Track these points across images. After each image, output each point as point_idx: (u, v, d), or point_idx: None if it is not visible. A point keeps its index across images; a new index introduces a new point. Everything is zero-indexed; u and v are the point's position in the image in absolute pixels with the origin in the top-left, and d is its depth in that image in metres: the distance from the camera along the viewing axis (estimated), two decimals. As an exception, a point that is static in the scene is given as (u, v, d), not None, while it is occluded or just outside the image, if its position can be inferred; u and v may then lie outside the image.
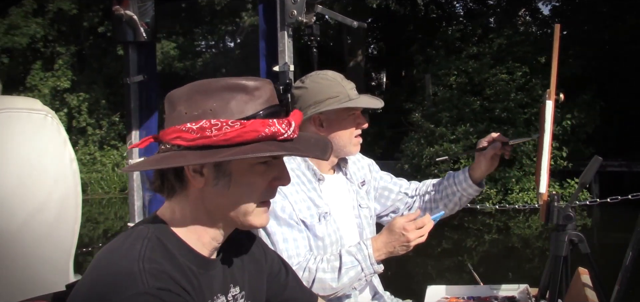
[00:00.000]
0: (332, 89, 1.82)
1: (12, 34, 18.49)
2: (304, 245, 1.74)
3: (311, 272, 1.69)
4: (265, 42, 2.24)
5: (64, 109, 19.02)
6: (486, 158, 1.94)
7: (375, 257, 1.72)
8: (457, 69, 13.55)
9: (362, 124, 1.90)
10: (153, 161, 1.06)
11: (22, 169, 1.32)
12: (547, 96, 1.85)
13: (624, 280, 1.82)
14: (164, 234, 1.04)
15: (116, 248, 1.02)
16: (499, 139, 1.92)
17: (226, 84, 1.04)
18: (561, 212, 1.82)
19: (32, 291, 1.35)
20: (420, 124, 13.21)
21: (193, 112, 1.03)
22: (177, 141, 1.02)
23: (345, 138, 1.87)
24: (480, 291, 2.06)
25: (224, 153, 0.99)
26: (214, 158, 0.99)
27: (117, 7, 2.32)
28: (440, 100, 13.40)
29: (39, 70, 19.43)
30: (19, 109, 1.34)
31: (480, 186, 2.02)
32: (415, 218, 1.71)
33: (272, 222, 1.71)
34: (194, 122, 1.01)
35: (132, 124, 2.45)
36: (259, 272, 1.24)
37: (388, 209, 2.10)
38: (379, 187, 2.10)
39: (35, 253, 1.36)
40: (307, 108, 1.80)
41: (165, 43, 18.75)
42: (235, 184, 1.05)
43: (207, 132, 1.00)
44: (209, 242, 1.09)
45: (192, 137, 1.01)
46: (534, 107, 12.18)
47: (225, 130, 1.00)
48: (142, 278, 0.95)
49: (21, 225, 1.32)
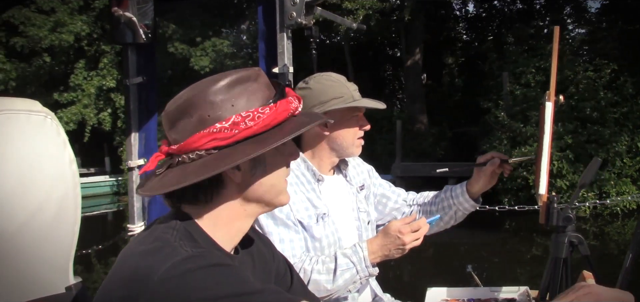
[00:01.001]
0: (336, 89, 1.83)
1: (59, 31, 18.12)
2: (300, 246, 1.74)
3: (306, 273, 1.69)
4: (265, 43, 2.24)
5: (108, 109, 18.85)
6: (485, 174, 1.95)
7: (370, 260, 1.72)
8: (534, 66, 13.07)
9: (364, 125, 1.91)
10: (192, 173, 1.02)
11: (21, 170, 1.31)
12: (547, 98, 1.85)
13: (624, 282, 1.82)
14: (191, 226, 1.05)
15: (145, 237, 1.02)
16: (498, 156, 1.93)
17: (231, 80, 1.05)
18: (561, 214, 1.82)
19: (32, 292, 1.35)
20: (506, 124, 12.57)
21: (217, 113, 1.02)
22: (212, 144, 1.02)
23: (348, 138, 1.88)
24: (481, 293, 2.05)
25: (274, 137, 1.02)
26: (270, 144, 1.01)
27: (116, 9, 2.32)
28: (522, 99, 12.79)
29: (82, 69, 19.01)
30: (18, 110, 1.33)
31: (476, 202, 2.01)
32: (410, 221, 1.72)
33: (270, 222, 1.71)
34: (224, 121, 1.02)
35: (132, 126, 2.44)
36: (268, 272, 1.24)
37: (385, 218, 2.10)
38: (377, 194, 2.11)
39: (35, 254, 1.35)
40: (311, 108, 1.81)
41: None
42: (270, 168, 1.08)
43: (241, 125, 1.01)
44: (236, 234, 1.11)
45: (230, 134, 1.01)
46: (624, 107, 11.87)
47: (260, 117, 1.02)
48: (182, 247, 0.96)
49: (20, 226, 1.31)
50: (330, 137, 1.87)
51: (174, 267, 0.92)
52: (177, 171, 1.04)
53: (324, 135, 1.86)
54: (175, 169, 1.05)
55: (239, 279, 0.96)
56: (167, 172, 1.05)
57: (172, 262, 0.92)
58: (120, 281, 0.96)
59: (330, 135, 1.87)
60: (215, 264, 0.95)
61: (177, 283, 0.90)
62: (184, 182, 1.01)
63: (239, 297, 0.93)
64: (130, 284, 0.93)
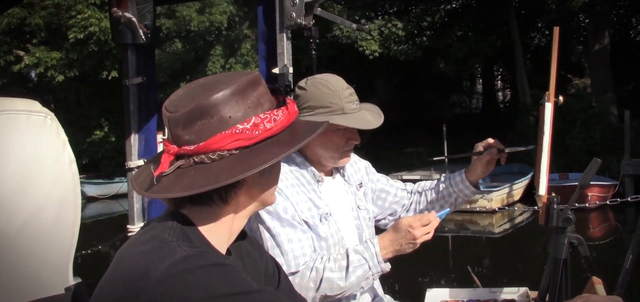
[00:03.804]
0: (328, 98, 1.78)
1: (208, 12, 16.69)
2: (309, 245, 1.73)
3: (319, 272, 1.68)
4: (265, 44, 2.24)
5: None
6: (482, 162, 1.97)
7: (382, 255, 1.72)
8: None
9: (353, 139, 1.86)
10: (224, 172, 1.01)
11: (20, 170, 1.31)
12: (547, 98, 1.85)
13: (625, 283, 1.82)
14: (188, 227, 1.05)
15: (142, 237, 1.02)
16: (495, 145, 1.94)
17: (243, 82, 1.06)
18: (561, 215, 1.82)
19: (31, 293, 1.34)
20: None
21: (237, 114, 1.04)
22: (236, 144, 1.03)
23: (330, 151, 1.83)
24: (480, 294, 2.06)
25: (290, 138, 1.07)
26: (293, 145, 1.05)
27: (116, 9, 2.32)
28: None
29: (218, 56, 17.44)
30: (18, 110, 1.33)
31: (476, 188, 2.04)
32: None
33: (276, 224, 1.70)
34: (245, 122, 1.04)
35: (131, 126, 2.44)
36: (257, 272, 1.25)
37: (385, 212, 2.11)
38: (376, 189, 2.11)
39: (34, 255, 1.35)
40: (301, 110, 1.79)
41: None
42: (275, 170, 1.14)
43: (260, 127, 1.04)
44: (231, 235, 1.12)
45: (252, 135, 1.03)
46: None
47: (280, 119, 1.07)
48: (180, 247, 0.97)
49: (20, 227, 1.31)
50: (319, 147, 1.83)
51: (173, 266, 0.92)
52: (200, 171, 1.02)
53: (316, 143, 1.83)
54: (196, 169, 1.03)
55: (237, 278, 0.96)
56: (184, 173, 1.03)
57: (171, 261, 0.92)
58: (118, 280, 0.96)
59: (316, 145, 1.83)
60: (214, 264, 0.95)
61: (176, 282, 0.90)
62: (217, 182, 1.00)
63: (237, 296, 0.93)
64: (129, 284, 0.93)
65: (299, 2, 2.09)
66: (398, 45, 17.59)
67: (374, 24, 17.54)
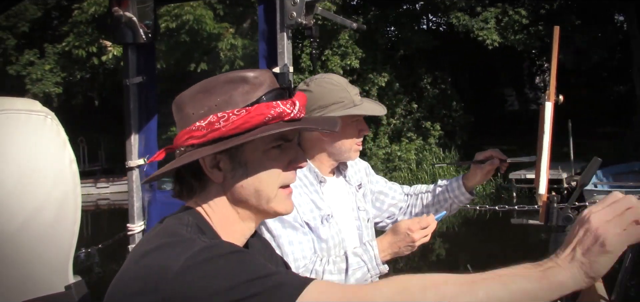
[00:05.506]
0: (337, 94, 1.82)
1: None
2: (309, 247, 1.74)
3: (318, 274, 1.69)
4: (265, 43, 2.24)
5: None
6: (482, 171, 2.01)
7: (381, 258, 1.73)
8: None
9: (364, 130, 1.91)
10: (169, 165, 1.08)
11: (20, 170, 1.31)
12: (547, 97, 1.85)
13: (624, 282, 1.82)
14: (202, 223, 1.07)
15: (158, 233, 1.04)
16: (497, 156, 1.97)
17: (226, 78, 1.07)
18: (561, 214, 1.82)
19: (31, 292, 1.35)
20: None
21: (199, 111, 1.06)
22: (189, 141, 1.05)
23: (347, 144, 1.88)
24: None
25: (234, 140, 1.03)
26: (224, 146, 1.02)
27: (116, 8, 2.32)
28: None
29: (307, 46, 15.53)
30: (18, 110, 1.34)
31: (471, 194, 2.08)
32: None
33: (277, 225, 1.71)
34: (202, 120, 1.05)
35: (131, 126, 2.44)
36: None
37: (383, 214, 2.12)
38: (375, 191, 2.12)
39: (34, 254, 1.35)
40: (311, 112, 1.80)
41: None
42: (252, 172, 1.08)
43: (215, 126, 1.04)
44: (239, 238, 1.12)
45: (202, 133, 1.04)
46: None
47: (232, 119, 1.03)
48: (199, 239, 0.98)
49: (20, 226, 1.31)
50: (329, 143, 1.87)
51: (193, 257, 0.93)
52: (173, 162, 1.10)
53: (323, 140, 1.86)
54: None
55: (255, 263, 0.97)
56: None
57: (191, 252, 0.94)
58: (136, 276, 0.96)
59: (329, 140, 1.86)
60: (232, 252, 0.97)
61: (196, 273, 0.91)
62: (161, 173, 1.10)
63: (257, 280, 0.93)
64: (148, 278, 0.93)
65: (299, 2, 2.09)
66: (515, 35, 16.10)
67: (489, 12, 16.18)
